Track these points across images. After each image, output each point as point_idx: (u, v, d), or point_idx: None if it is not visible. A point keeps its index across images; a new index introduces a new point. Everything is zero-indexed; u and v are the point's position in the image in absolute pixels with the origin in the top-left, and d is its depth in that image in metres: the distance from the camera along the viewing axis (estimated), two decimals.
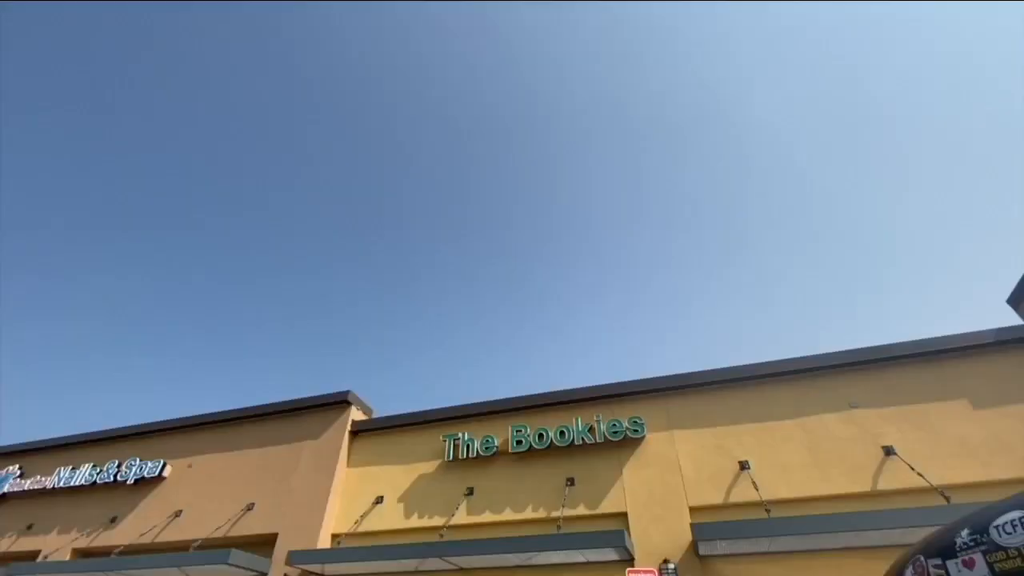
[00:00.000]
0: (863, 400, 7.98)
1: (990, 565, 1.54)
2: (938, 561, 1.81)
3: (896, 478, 7.08)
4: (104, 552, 10.26)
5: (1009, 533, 1.46)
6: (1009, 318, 8.07)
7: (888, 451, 7.34)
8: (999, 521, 1.46)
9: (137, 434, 12.33)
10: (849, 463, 7.41)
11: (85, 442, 12.86)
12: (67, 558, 10.64)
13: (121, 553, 9.89)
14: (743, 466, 7.79)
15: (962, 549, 1.69)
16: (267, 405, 11.34)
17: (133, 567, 8.97)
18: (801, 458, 7.67)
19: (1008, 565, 1.39)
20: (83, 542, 10.81)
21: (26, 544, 11.37)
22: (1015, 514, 1.38)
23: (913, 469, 6.94)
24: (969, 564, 1.64)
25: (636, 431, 8.54)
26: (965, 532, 1.69)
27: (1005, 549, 1.41)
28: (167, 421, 12.21)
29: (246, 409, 11.52)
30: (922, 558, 1.91)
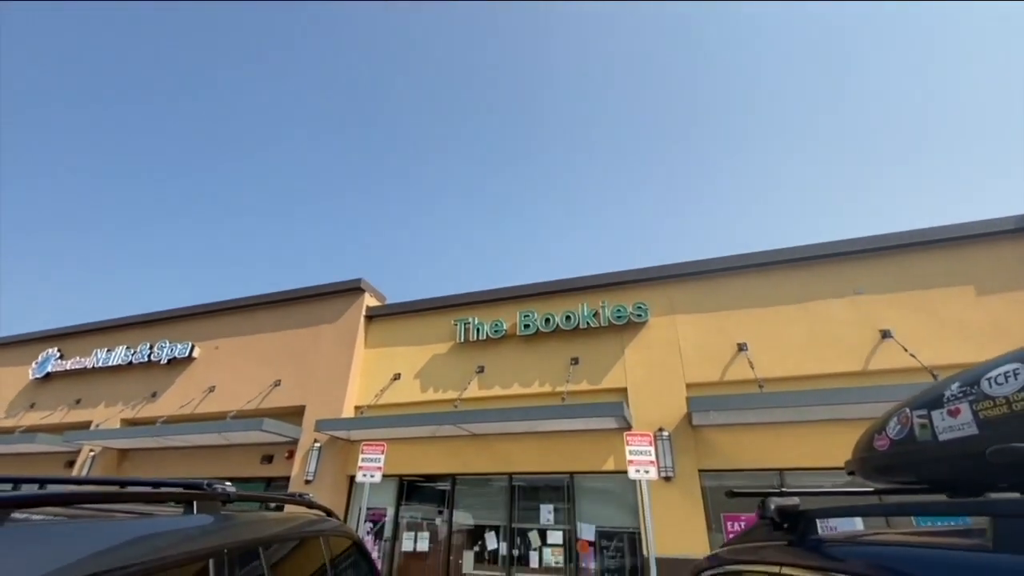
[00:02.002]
0: (868, 286, 8.08)
1: (975, 413, 1.59)
2: (923, 412, 1.88)
3: (889, 359, 7.38)
4: (149, 422, 11.31)
5: (1000, 384, 1.47)
6: None
7: (885, 334, 7.57)
8: (991, 374, 1.47)
9: (165, 319, 12.96)
10: (845, 345, 7.70)
11: (117, 326, 13.58)
12: (117, 427, 11.76)
13: (165, 422, 10.90)
14: (741, 347, 8.13)
15: (949, 400, 1.74)
16: (286, 291, 11.75)
17: (178, 433, 9.93)
18: (799, 340, 7.97)
19: (993, 412, 1.42)
20: (129, 413, 11.88)
21: (77, 416, 12.51)
22: (1009, 366, 1.37)
23: (906, 350, 7.21)
24: (954, 413, 1.69)
25: (639, 315, 8.81)
26: (955, 385, 1.72)
27: (993, 398, 1.43)
28: (193, 307, 12.75)
29: (266, 295, 11.95)
30: (907, 410, 1.98)
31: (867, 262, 8.27)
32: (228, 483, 1.79)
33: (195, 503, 1.57)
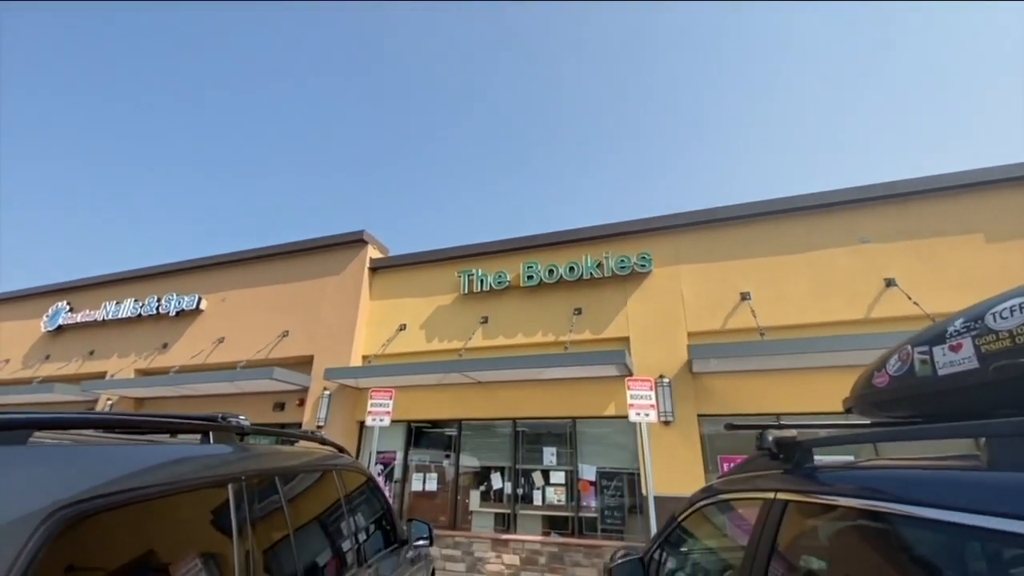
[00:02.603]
0: (874, 235, 7.99)
1: (977, 347, 1.56)
2: (924, 348, 1.85)
3: (892, 307, 7.40)
4: (162, 372, 11.61)
5: (1005, 318, 1.43)
6: None
7: (889, 283, 7.55)
8: (997, 308, 1.43)
9: (171, 271, 13.04)
10: (848, 293, 7.70)
11: (124, 279, 13.69)
12: (131, 376, 12.09)
13: (178, 372, 11.19)
14: (744, 297, 8.15)
15: (952, 336, 1.70)
16: (289, 244, 11.75)
17: (191, 382, 10.21)
18: (802, 289, 7.97)
19: (994, 346, 1.39)
20: (142, 364, 12.18)
21: (92, 367, 12.83)
22: (1015, 300, 1.33)
23: (910, 298, 7.22)
24: (955, 348, 1.66)
25: (643, 266, 8.79)
26: (959, 321, 1.69)
27: (996, 332, 1.39)
28: (199, 259, 12.79)
29: (270, 247, 11.95)
30: (909, 347, 1.96)
31: (873, 210, 8.14)
32: (242, 416, 1.85)
33: (211, 434, 1.63)
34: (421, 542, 3.54)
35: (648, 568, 2.65)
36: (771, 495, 1.68)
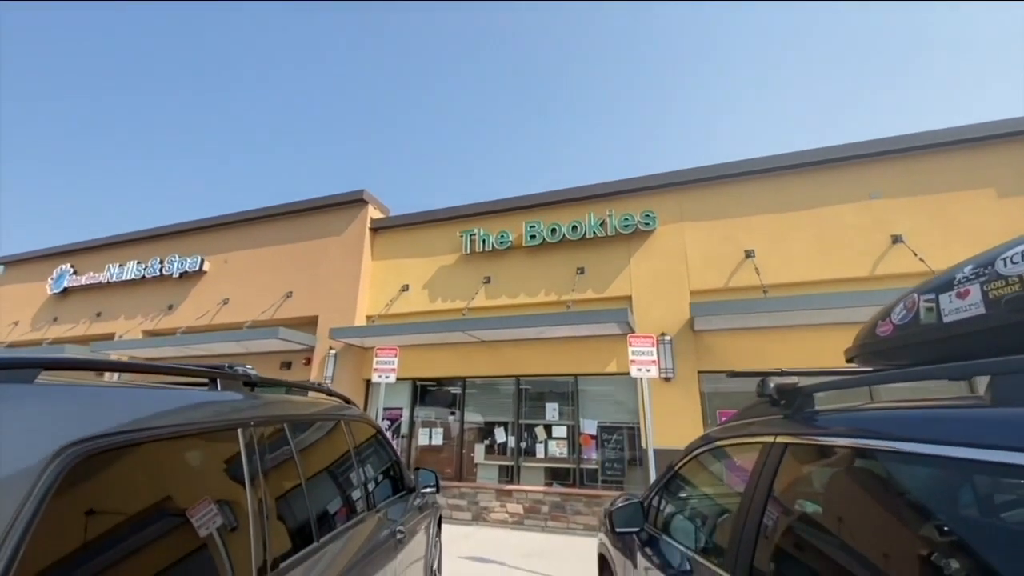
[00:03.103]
0: (882, 191, 7.84)
1: (984, 294, 1.51)
2: (931, 296, 1.81)
3: (898, 264, 7.34)
4: (169, 332, 11.76)
5: (1016, 263, 1.39)
6: None
7: (896, 239, 7.47)
8: (1007, 253, 1.39)
9: (173, 233, 13.00)
10: (854, 250, 7.64)
11: (126, 241, 13.67)
12: (139, 337, 12.27)
13: (184, 333, 11.34)
14: (748, 254, 8.10)
15: (960, 283, 1.65)
16: (290, 204, 11.65)
17: (198, 342, 10.35)
18: (807, 247, 7.90)
19: (1002, 292, 1.35)
20: (148, 325, 12.33)
21: (100, 329, 13.01)
22: None
23: (916, 255, 7.15)
24: (963, 295, 1.62)
25: (647, 224, 8.70)
26: (968, 268, 1.64)
27: (1005, 278, 1.35)
28: (200, 220, 12.72)
29: (271, 208, 11.86)
30: (915, 295, 1.91)
31: (882, 165, 7.97)
32: (249, 367, 1.87)
33: (218, 381, 1.65)
34: (428, 489, 3.67)
35: (647, 512, 2.74)
36: (770, 439, 1.71)
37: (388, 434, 9.22)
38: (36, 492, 0.84)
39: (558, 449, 8.42)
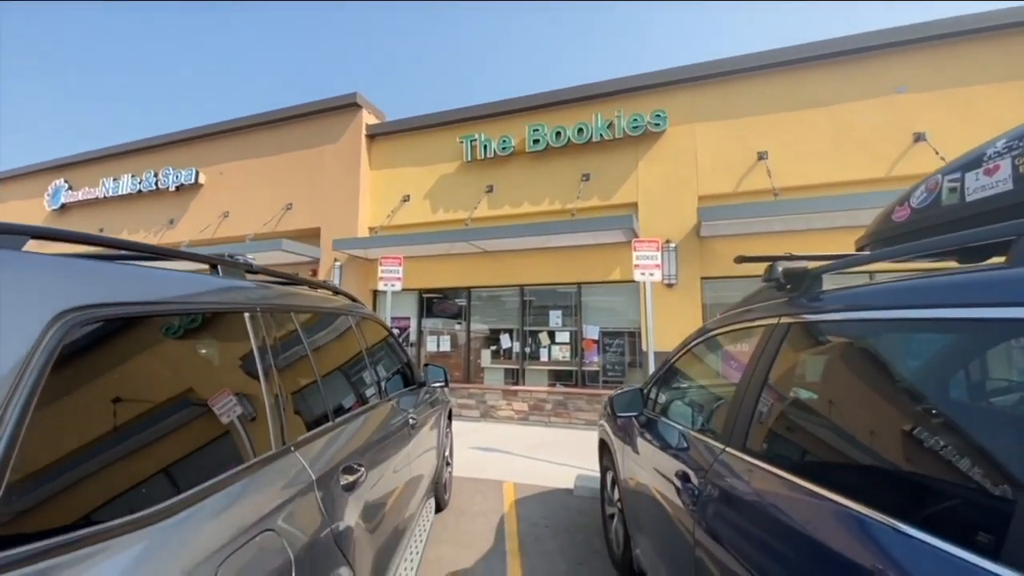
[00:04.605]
0: (909, 84, 7.32)
1: (1015, 167, 1.37)
2: (956, 175, 1.66)
3: (918, 164, 7.04)
4: (174, 246, 11.77)
5: None
6: None
7: (919, 137, 7.11)
8: None
9: (165, 143, 12.54)
10: (873, 150, 7.30)
11: (118, 154, 13.24)
12: None
13: (187, 247, 11.36)
14: (760, 156, 7.77)
15: (989, 158, 1.50)
16: (281, 110, 11.10)
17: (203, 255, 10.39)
18: (823, 147, 7.55)
19: None
20: (151, 240, 12.32)
21: None
22: None
23: (937, 153, 6.83)
24: (991, 171, 1.48)
25: (657, 124, 8.27)
26: (1000, 142, 1.49)
27: None
28: (191, 129, 12.21)
29: (261, 115, 11.33)
30: (939, 176, 1.77)
31: (905, 56, 7.40)
32: (251, 256, 1.85)
33: (219, 268, 1.63)
34: (437, 384, 3.84)
35: (646, 400, 2.86)
36: (774, 320, 1.70)
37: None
38: (37, 359, 0.80)
39: (561, 353, 8.74)
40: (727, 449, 1.67)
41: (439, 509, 4.11)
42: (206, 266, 1.65)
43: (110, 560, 0.82)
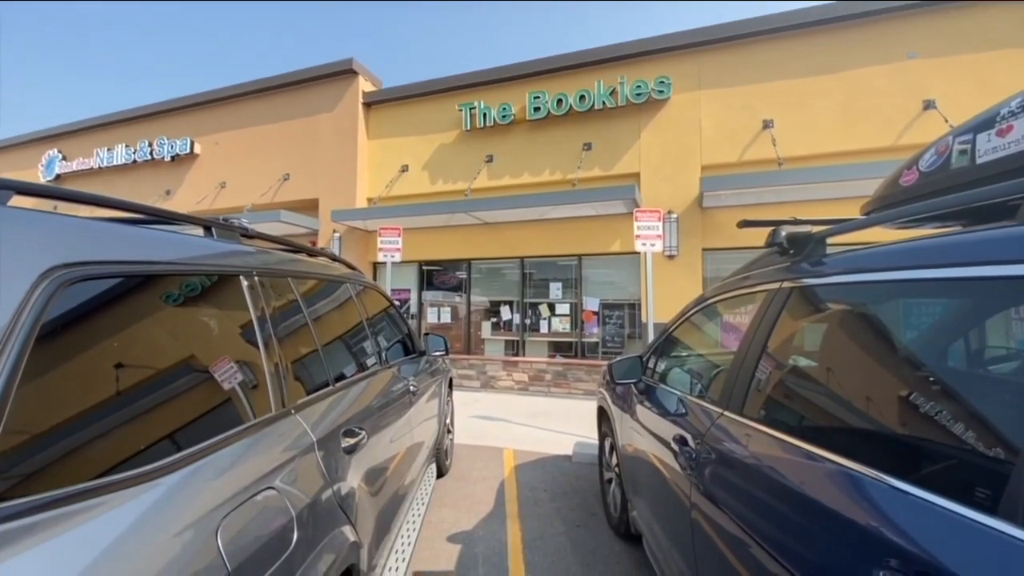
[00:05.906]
0: (921, 50, 7.11)
1: None
2: (967, 136, 1.60)
3: (927, 132, 6.88)
4: None
5: None
6: None
7: (928, 105, 6.94)
8: None
9: (158, 112, 12.29)
10: (882, 118, 7.15)
11: (111, 123, 12.99)
12: None
13: None
14: (766, 124, 7.62)
15: (1003, 119, 1.44)
16: (274, 77, 10.84)
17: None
18: (830, 115, 7.39)
19: None
20: None
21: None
22: None
23: (947, 121, 6.68)
24: (1004, 132, 1.43)
25: (661, 92, 8.08)
26: (1015, 101, 1.42)
27: None
28: (184, 98, 11.94)
29: (255, 82, 11.07)
30: (950, 138, 1.71)
31: (918, 20, 7.16)
32: (245, 219, 1.82)
33: (214, 231, 1.60)
34: (438, 353, 3.86)
35: (645, 368, 2.88)
36: (776, 285, 1.69)
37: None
38: (26, 315, 0.79)
39: (561, 325, 8.78)
40: (725, 413, 1.68)
41: (440, 475, 4.19)
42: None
43: (116, 510, 0.84)
